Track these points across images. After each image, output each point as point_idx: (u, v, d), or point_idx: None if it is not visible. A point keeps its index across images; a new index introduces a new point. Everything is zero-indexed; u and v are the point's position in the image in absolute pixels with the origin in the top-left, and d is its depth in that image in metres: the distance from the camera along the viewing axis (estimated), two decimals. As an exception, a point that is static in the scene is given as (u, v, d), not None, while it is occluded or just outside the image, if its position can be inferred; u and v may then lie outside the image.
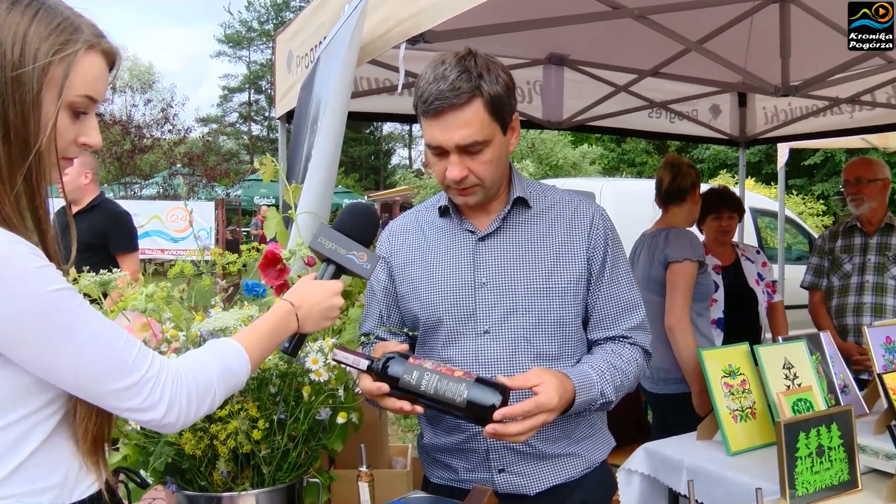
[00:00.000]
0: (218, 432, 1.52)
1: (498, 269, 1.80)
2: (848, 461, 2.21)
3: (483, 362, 1.77)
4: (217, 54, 55.09)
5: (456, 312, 1.80)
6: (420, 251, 1.87)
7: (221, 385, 1.30)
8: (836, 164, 19.63)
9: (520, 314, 1.78)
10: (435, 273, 1.83)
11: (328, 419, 1.68)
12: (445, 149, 1.68)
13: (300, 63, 3.56)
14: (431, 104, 1.64)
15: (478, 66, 1.65)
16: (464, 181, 1.71)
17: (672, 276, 3.41)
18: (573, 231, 1.83)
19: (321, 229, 1.60)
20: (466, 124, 1.64)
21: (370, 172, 53.03)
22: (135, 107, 22.80)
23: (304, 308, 1.51)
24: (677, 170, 3.58)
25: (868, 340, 2.95)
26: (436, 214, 1.89)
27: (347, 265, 1.58)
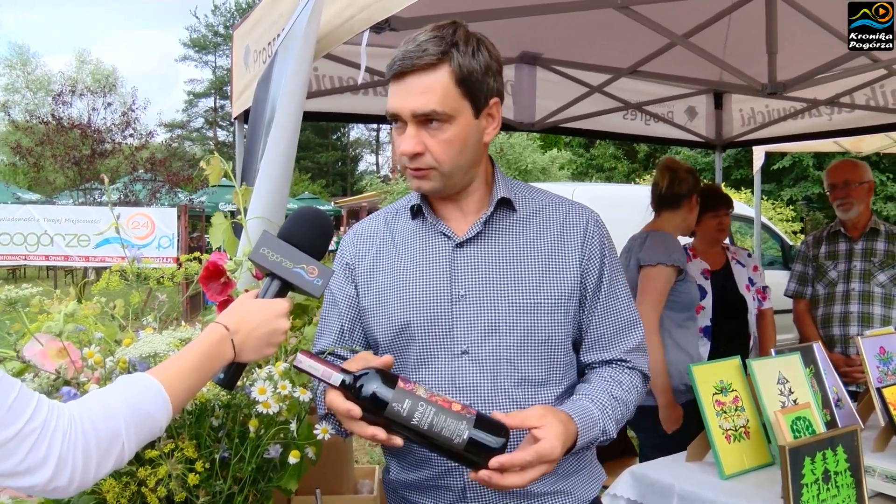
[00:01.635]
0: (147, 478, 1.29)
1: (478, 281, 1.56)
2: (855, 486, 2.03)
3: (460, 387, 1.53)
4: (183, 58, 54.47)
5: (430, 329, 1.56)
6: (388, 257, 1.63)
7: (132, 433, 1.06)
8: (804, 169, 19.75)
9: (503, 332, 1.54)
10: (405, 283, 1.59)
11: (278, 457, 1.45)
12: (402, 117, 1.49)
13: (257, 58, 3.33)
14: (394, 65, 1.47)
15: (455, 35, 1.47)
16: (417, 159, 1.50)
17: (642, 280, 3.25)
18: (565, 239, 1.61)
19: (264, 238, 1.36)
20: (427, 90, 1.46)
21: (337, 178, 52.74)
22: (95, 110, 22.30)
23: (241, 333, 1.28)
24: (674, 174, 3.41)
25: (863, 352, 2.80)
26: (407, 215, 1.66)
27: (294, 281, 1.35)
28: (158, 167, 20.81)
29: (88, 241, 15.17)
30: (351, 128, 53.83)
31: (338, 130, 53.09)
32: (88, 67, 39.78)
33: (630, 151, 25.26)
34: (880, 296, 3.60)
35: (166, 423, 1.14)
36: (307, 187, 39.95)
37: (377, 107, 4.30)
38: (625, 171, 24.49)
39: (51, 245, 15.41)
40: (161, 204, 18.96)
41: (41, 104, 33.98)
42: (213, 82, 51.10)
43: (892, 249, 3.60)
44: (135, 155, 20.87)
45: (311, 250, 1.38)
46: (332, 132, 52.58)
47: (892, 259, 3.59)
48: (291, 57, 2.19)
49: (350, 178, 52.64)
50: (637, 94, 4.83)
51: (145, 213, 16.10)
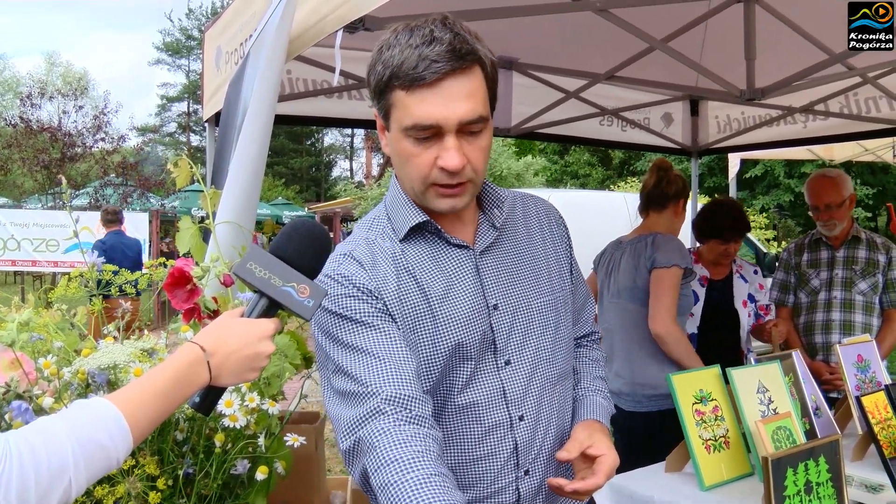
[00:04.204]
0: (104, 497, 1.21)
1: (506, 288, 1.51)
2: (836, 496, 2.00)
3: (511, 399, 1.49)
4: (156, 62, 53.89)
5: (479, 345, 1.47)
6: (415, 283, 1.45)
7: (82, 469, 0.95)
8: (776, 177, 19.94)
9: (537, 335, 1.53)
10: (443, 303, 1.44)
11: (246, 473, 1.38)
12: (443, 128, 1.32)
13: (229, 60, 3.26)
14: (427, 68, 1.29)
15: (469, 32, 1.35)
16: (461, 173, 1.36)
17: (658, 281, 3.19)
18: (547, 231, 1.64)
19: (252, 252, 1.25)
20: (471, 95, 1.32)
21: (311, 184, 52.48)
22: (65, 114, 21.98)
23: (219, 355, 1.16)
24: (664, 174, 3.38)
25: (841, 360, 2.79)
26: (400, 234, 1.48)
27: (283, 300, 1.24)
28: (130, 171, 20.54)
29: (57, 245, 14.88)
30: (325, 133, 53.66)
31: (312, 136, 52.87)
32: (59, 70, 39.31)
33: (605, 158, 25.42)
34: (861, 304, 3.60)
35: (125, 456, 1.02)
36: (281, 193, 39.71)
37: (351, 111, 4.24)
38: (599, 177, 24.61)
39: (18, 250, 15.10)
40: (132, 209, 18.71)
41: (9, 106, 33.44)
42: (186, 86, 50.66)
43: (873, 257, 3.60)
44: (106, 159, 20.59)
45: (304, 267, 1.27)
46: (307, 137, 52.35)
47: (873, 267, 3.59)
48: (263, 58, 2.13)
49: (324, 183, 52.39)
50: (613, 100, 4.82)
51: (116, 218, 15.86)
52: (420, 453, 1.25)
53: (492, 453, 1.48)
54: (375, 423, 1.28)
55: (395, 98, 1.34)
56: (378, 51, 1.37)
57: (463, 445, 1.47)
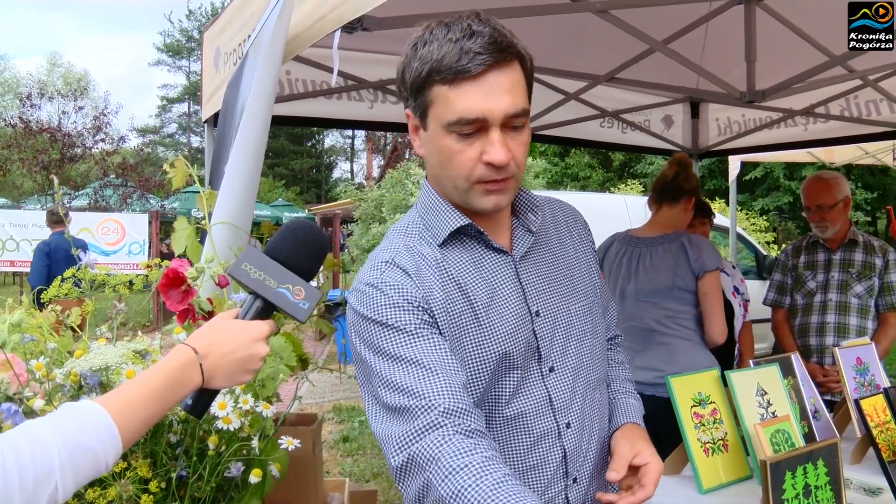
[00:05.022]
0: (95, 500, 1.20)
1: (545, 294, 1.49)
2: (835, 500, 1.99)
3: (557, 407, 1.48)
4: (156, 63, 53.90)
5: (525, 353, 1.44)
6: (459, 291, 1.41)
7: (69, 474, 0.93)
8: (776, 180, 19.93)
9: (577, 340, 1.52)
10: (488, 311, 1.41)
11: (239, 476, 1.36)
12: (488, 122, 1.29)
13: (227, 60, 3.25)
14: (472, 60, 1.25)
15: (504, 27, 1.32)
16: (505, 169, 1.33)
17: (711, 286, 3.24)
18: (575, 234, 1.64)
19: (247, 252, 1.24)
20: (512, 89, 1.30)
21: (311, 186, 52.49)
22: (65, 114, 21.98)
23: (212, 357, 1.15)
24: (683, 169, 3.40)
25: (840, 363, 2.78)
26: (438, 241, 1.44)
27: (277, 302, 1.23)
28: (130, 172, 20.56)
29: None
30: (326, 135, 53.69)
31: (312, 137, 52.91)
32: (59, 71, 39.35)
33: (605, 160, 25.39)
34: (856, 307, 3.59)
35: (114, 460, 1.01)
36: (281, 194, 39.72)
37: (351, 112, 4.23)
38: (600, 179, 24.59)
39: (17, 251, 15.11)
40: (132, 210, 18.72)
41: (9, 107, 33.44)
42: (186, 87, 50.70)
43: (870, 260, 3.60)
44: (106, 160, 20.60)
45: (300, 269, 1.26)
46: (307, 139, 52.39)
47: (870, 270, 3.58)
48: (261, 59, 2.12)
49: (325, 185, 52.40)
50: (614, 102, 4.81)
51: (115, 219, 15.86)
52: (488, 459, 1.21)
53: (541, 463, 1.46)
54: (433, 436, 1.23)
55: (436, 94, 1.31)
56: (412, 48, 1.34)
57: (512, 457, 1.44)
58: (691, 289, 3.26)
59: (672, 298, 3.28)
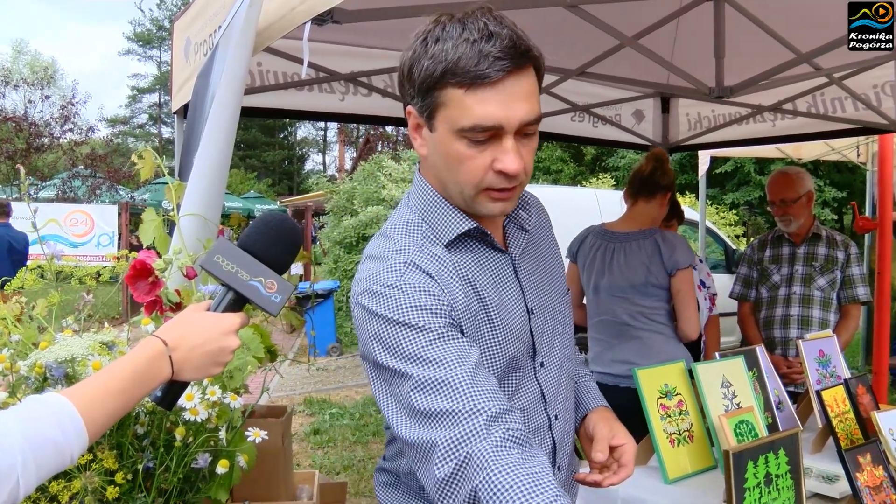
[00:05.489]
0: (59, 493, 1.20)
1: (538, 291, 1.51)
2: (794, 488, 2.03)
3: (549, 400, 1.51)
4: (126, 52, 53.16)
5: (526, 351, 1.46)
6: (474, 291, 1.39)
7: (31, 468, 0.92)
8: (746, 174, 20.14)
9: (559, 335, 1.56)
10: (498, 313, 1.40)
11: (207, 467, 1.37)
12: (503, 129, 1.24)
13: (198, 51, 3.23)
14: (491, 66, 1.19)
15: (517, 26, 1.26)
16: (516, 178, 1.29)
17: (684, 283, 3.29)
18: (545, 228, 1.65)
19: (219, 245, 1.23)
20: (530, 95, 1.25)
21: (283, 178, 52.16)
22: (31, 103, 21.62)
23: (182, 349, 1.14)
24: (660, 164, 3.44)
25: (803, 355, 2.84)
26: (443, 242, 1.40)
27: (249, 295, 1.22)
28: (99, 163, 20.27)
29: (26, 238, 14.70)
30: (298, 126, 53.36)
31: (285, 129, 52.55)
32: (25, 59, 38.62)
33: (577, 154, 25.49)
34: (819, 299, 3.66)
35: (80, 453, 1.00)
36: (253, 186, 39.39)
37: (322, 104, 4.21)
38: (571, 173, 24.68)
39: (-18, 242, 14.88)
40: (101, 201, 18.48)
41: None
42: (157, 77, 50.07)
43: (833, 254, 3.67)
44: (74, 150, 20.29)
45: (273, 262, 1.25)
46: (279, 131, 52.02)
47: (832, 264, 3.65)
48: (231, 49, 2.11)
49: (297, 177, 52.10)
50: (585, 97, 4.83)
51: (84, 211, 15.66)
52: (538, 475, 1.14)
53: None
54: (485, 444, 1.16)
55: (450, 96, 1.25)
56: (422, 43, 1.27)
57: None
58: (664, 285, 3.31)
59: (645, 295, 3.32)
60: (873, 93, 4.30)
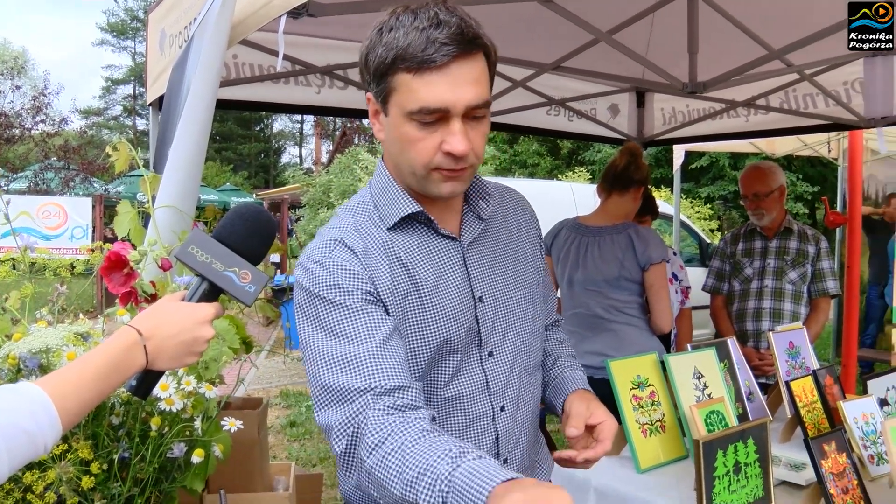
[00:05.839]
0: (34, 483, 1.20)
1: (490, 280, 1.52)
2: (763, 476, 2.07)
3: (494, 390, 1.51)
4: (100, 43, 52.43)
5: (465, 338, 1.48)
6: (406, 273, 1.43)
7: (4, 457, 0.92)
8: (721, 169, 20.30)
9: (517, 327, 1.56)
10: (433, 296, 1.44)
11: (182, 456, 1.37)
12: (450, 112, 1.30)
13: (173, 43, 3.21)
14: (438, 51, 1.26)
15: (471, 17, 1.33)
16: (465, 158, 1.35)
17: (657, 277, 3.33)
18: (523, 222, 1.66)
19: (194, 236, 1.24)
20: (478, 79, 1.31)
21: (260, 170, 51.84)
22: (1, 93, 21.29)
23: (156, 339, 1.15)
24: (634, 159, 3.47)
25: (773, 347, 2.88)
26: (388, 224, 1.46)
27: (223, 285, 1.23)
28: (72, 155, 20.00)
29: (-5, 230, 14.51)
30: (274, 119, 53.08)
31: (261, 122, 52.22)
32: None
33: (553, 148, 25.54)
34: (791, 292, 3.72)
35: (53, 442, 1.01)
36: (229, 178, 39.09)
37: (299, 97, 4.20)
38: (548, 167, 24.74)
39: (-49, 234, 14.66)
40: (75, 193, 18.26)
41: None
42: (132, 69, 49.49)
43: (804, 248, 3.73)
44: (46, 142, 20.00)
45: (247, 253, 1.26)
46: (255, 123, 51.69)
47: (803, 257, 3.71)
48: (206, 42, 2.11)
49: (273, 170, 51.81)
50: (560, 91, 4.86)
51: (57, 203, 15.48)
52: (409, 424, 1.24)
53: (475, 444, 1.49)
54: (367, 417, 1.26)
55: (399, 81, 1.31)
56: (377, 32, 1.33)
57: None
58: (637, 280, 3.35)
59: (618, 288, 3.36)
60: (843, 89, 4.37)
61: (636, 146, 3.58)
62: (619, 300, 3.37)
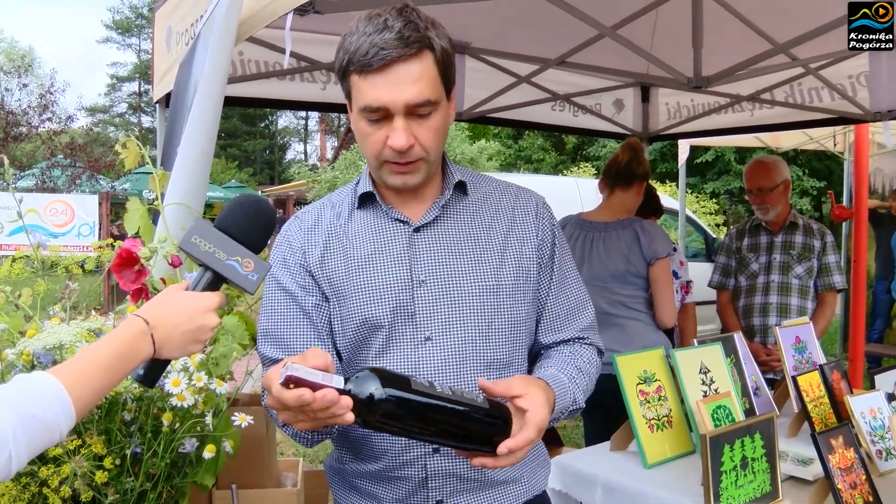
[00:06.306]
0: (49, 477, 1.21)
1: (438, 265, 1.54)
2: (770, 471, 2.08)
3: (425, 374, 1.50)
4: (105, 40, 52.51)
5: (393, 318, 1.52)
6: (341, 247, 1.56)
7: (22, 443, 0.94)
8: (727, 163, 20.27)
9: (466, 317, 1.54)
10: (364, 273, 1.54)
11: (194, 451, 1.39)
12: (390, 110, 1.41)
13: (179, 40, 3.22)
14: (375, 55, 1.38)
15: (423, 20, 1.43)
16: (409, 152, 1.45)
17: (661, 272, 3.35)
18: (518, 221, 1.63)
19: (197, 225, 1.27)
20: (419, 79, 1.40)
21: (265, 167, 51.92)
22: (8, 91, 21.31)
23: (163, 328, 1.17)
24: (635, 154, 3.48)
25: (780, 342, 2.88)
26: (354, 204, 1.60)
27: (227, 274, 1.25)
28: (78, 153, 20.03)
29: (1, 228, 14.54)
30: (279, 115, 53.09)
31: (266, 118, 52.25)
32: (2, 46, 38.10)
33: (558, 143, 25.53)
34: (797, 287, 3.72)
35: (68, 429, 1.03)
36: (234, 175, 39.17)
37: (304, 93, 4.22)
38: (553, 162, 24.74)
39: (-42, 231, 14.72)
40: (81, 191, 18.30)
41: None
42: (137, 66, 49.55)
43: (809, 242, 3.72)
44: (53, 139, 20.04)
45: (249, 242, 1.29)
46: (260, 120, 51.74)
47: (809, 252, 3.71)
48: (213, 39, 2.12)
49: (278, 166, 51.86)
50: (565, 86, 4.85)
51: (64, 200, 15.53)
52: None
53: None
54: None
55: (352, 82, 1.44)
56: (343, 37, 1.45)
57: None
58: (643, 274, 3.37)
59: (624, 283, 3.37)
60: (849, 83, 4.35)
61: (637, 141, 3.59)
62: (624, 295, 3.38)
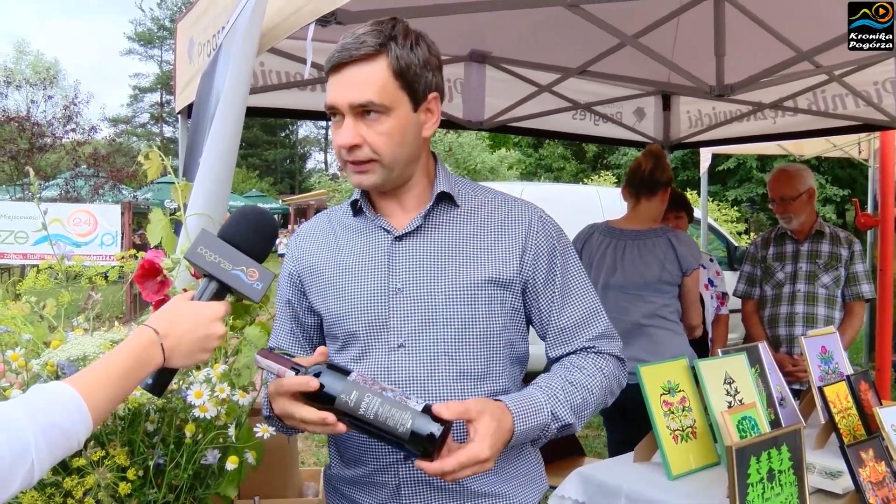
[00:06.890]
0: (73, 488, 1.22)
1: (415, 274, 1.55)
2: (797, 483, 2.05)
3: (397, 381, 1.52)
4: (127, 52, 53.13)
5: (367, 323, 1.56)
6: (330, 254, 1.63)
7: (44, 451, 0.96)
8: (749, 171, 20.15)
9: (440, 325, 1.53)
10: (344, 278, 1.59)
11: (216, 463, 1.39)
12: (339, 110, 1.48)
13: (202, 51, 3.24)
14: (333, 57, 1.47)
15: (394, 29, 1.48)
16: (356, 151, 1.49)
17: (693, 282, 3.39)
18: (505, 234, 1.60)
19: (202, 237, 1.30)
20: (365, 82, 1.45)
21: (285, 176, 52.28)
22: (34, 103, 21.58)
23: (171, 337, 1.20)
24: (658, 161, 3.46)
25: (805, 352, 2.85)
26: (349, 212, 1.66)
27: (232, 283, 1.28)
28: (101, 163, 20.22)
29: (26, 237, 14.66)
30: (299, 125, 53.47)
31: (286, 128, 52.64)
32: (28, 59, 38.65)
33: (579, 152, 25.50)
34: (824, 297, 3.67)
35: (85, 437, 1.05)
36: (255, 185, 39.46)
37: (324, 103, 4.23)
38: (573, 171, 24.70)
39: (-18, 241, 14.86)
40: (104, 200, 18.44)
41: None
42: (159, 77, 50.14)
43: (836, 251, 3.67)
44: (77, 150, 20.25)
45: (253, 252, 1.32)
46: (281, 129, 52.12)
47: (836, 261, 3.66)
48: (235, 50, 2.13)
49: (298, 175, 52.19)
50: (586, 95, 4.84)
51: (87, 210, 15.64)
52: None
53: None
54: None
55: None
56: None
57: None
58: (676, 283, 3.37)
59: (658, 292, 3.37)
60: (874, 89, 4.31)
61: (658, 148, 3.57)
62: (657, 304, 3.37)
